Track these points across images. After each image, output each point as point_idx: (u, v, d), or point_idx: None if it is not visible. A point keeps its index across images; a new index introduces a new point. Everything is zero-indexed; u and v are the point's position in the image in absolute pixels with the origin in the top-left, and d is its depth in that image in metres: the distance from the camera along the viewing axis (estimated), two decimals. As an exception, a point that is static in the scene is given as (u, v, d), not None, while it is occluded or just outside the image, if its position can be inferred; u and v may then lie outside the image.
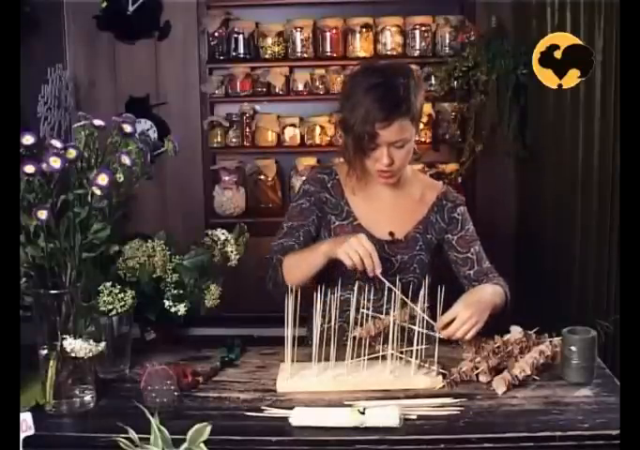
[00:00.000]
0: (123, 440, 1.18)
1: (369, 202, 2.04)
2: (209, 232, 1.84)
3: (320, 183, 2.06)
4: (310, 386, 1.64)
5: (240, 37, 3.51)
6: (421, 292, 1.71)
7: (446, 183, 2.16)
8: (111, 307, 1.58)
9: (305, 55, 3.51)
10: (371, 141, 1.87)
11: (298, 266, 1.90)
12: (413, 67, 3.18)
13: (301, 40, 3.48)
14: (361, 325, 1.75)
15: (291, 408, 1.50)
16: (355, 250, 1.77)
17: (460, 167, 3.41)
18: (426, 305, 1.74)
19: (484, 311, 1.78)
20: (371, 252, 1.77)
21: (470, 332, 1.74)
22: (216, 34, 3.53)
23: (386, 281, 1.75)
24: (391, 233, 2.02)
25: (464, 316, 1.73)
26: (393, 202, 2.04)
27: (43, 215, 1.42)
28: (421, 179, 2.14)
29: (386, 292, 1.76)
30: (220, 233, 1.84)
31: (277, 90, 3.53)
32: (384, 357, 1.70)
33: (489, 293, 1.87)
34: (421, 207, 2.05)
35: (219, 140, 3.60)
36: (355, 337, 1.71)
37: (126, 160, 1.52)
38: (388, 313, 1.76)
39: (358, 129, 1.86)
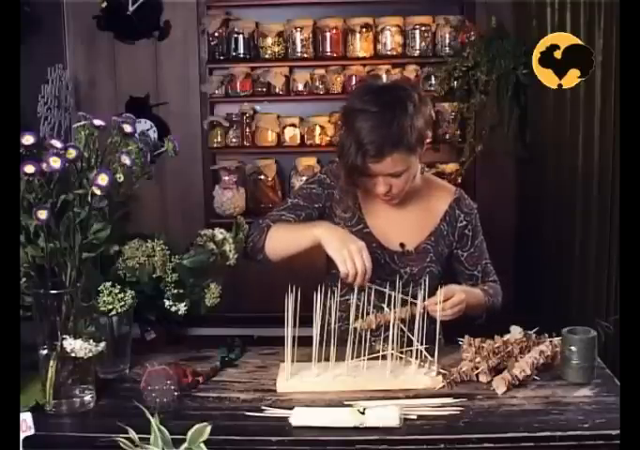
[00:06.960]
0: (123, 440, 1.18)
1: (380, 210, 1.98)
2: (202, 232, 1.83)
3: (338, 180, 1.98)
4: (310, 386, 1.64)
5: (240, 37, 3.51)
6: (420, 294, 1.70)
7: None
8: (111, 307, 1.58)
9: (305, 55, 3.51)
10: (363, 173, 1.83)
11: (283, 240, 1.89)
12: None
13: (301, 40, 3.48)
14: (362, 318, 1.75)
15: (291, 408, 1.50)
16: (352, 262, 1.74)
17: (460, 167, 3.41)
18: (426, 303, 1.74)
19: (467, 301, 1.82)
20: (367, 269, 1.74)
21: (455, 315, 1.79)
22: (216, 34, 3.53)
23: (379, 288, 1.75)
24: (402, 245, 1.98)
25: (458, 299, 1.78)
26: (404, 212, 1.98)
27: (43, 215, 1.42)
28: (433, 186, 2.05)
29: (386, 295, 1.75)
30: (219, 233, 1.84)
31: (277, 90, 3.53)
32: (384, 357, 1.70)
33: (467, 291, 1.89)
34: (433, 218, 1.99)
35: (219, 140, 3.60)
36: (355, 329, 1.71)
37: (126, 160, 1.52)
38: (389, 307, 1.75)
39: (349, 161, 1.80)
